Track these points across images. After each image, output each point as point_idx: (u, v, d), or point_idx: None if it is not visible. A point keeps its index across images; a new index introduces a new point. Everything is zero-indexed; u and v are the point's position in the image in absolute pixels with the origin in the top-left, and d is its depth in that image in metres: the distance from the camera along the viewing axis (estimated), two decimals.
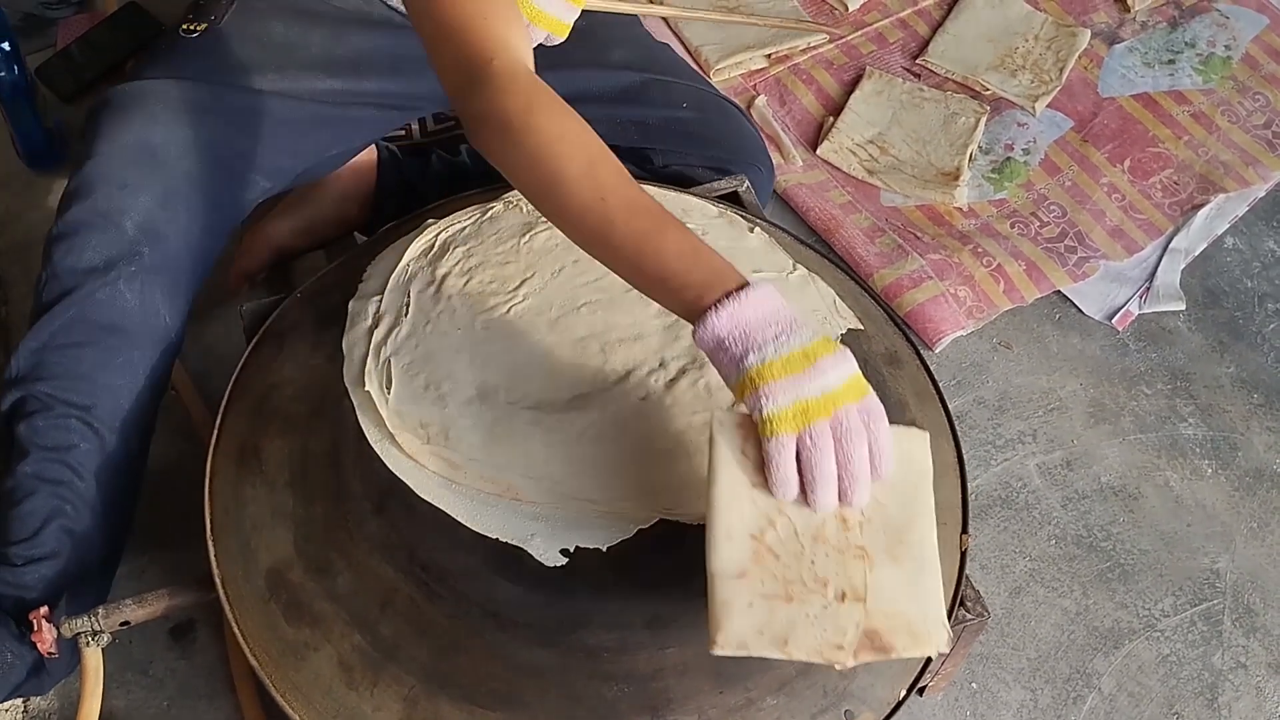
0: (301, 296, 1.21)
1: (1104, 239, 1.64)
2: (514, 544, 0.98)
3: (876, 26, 1.88)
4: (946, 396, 1.19)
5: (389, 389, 1.05)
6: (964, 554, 1.07)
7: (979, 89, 1.79)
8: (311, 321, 1.16)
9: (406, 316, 1.10)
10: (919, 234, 1.62)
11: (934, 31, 1.87)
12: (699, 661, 0.95)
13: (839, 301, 1.18)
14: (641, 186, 0.94)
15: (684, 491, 1.00)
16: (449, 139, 1.44)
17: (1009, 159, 1.72)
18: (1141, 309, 1.58)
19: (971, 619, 1.07)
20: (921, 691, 1.21)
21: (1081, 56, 1.83)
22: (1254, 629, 1.33)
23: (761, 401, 0.84)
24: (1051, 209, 1.67)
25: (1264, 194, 1.71)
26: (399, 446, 1.02)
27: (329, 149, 1.33)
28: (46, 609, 1.05)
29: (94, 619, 1.05)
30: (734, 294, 0.86)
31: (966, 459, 1.14)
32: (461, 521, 0.99)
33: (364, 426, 1.04)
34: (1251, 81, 1.83)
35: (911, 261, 1.57)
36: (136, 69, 1.22)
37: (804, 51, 1.83)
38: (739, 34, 1.81)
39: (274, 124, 1.22)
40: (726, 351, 0.85)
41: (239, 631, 1.01)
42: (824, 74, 1.81)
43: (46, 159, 1.62)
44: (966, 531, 1.09)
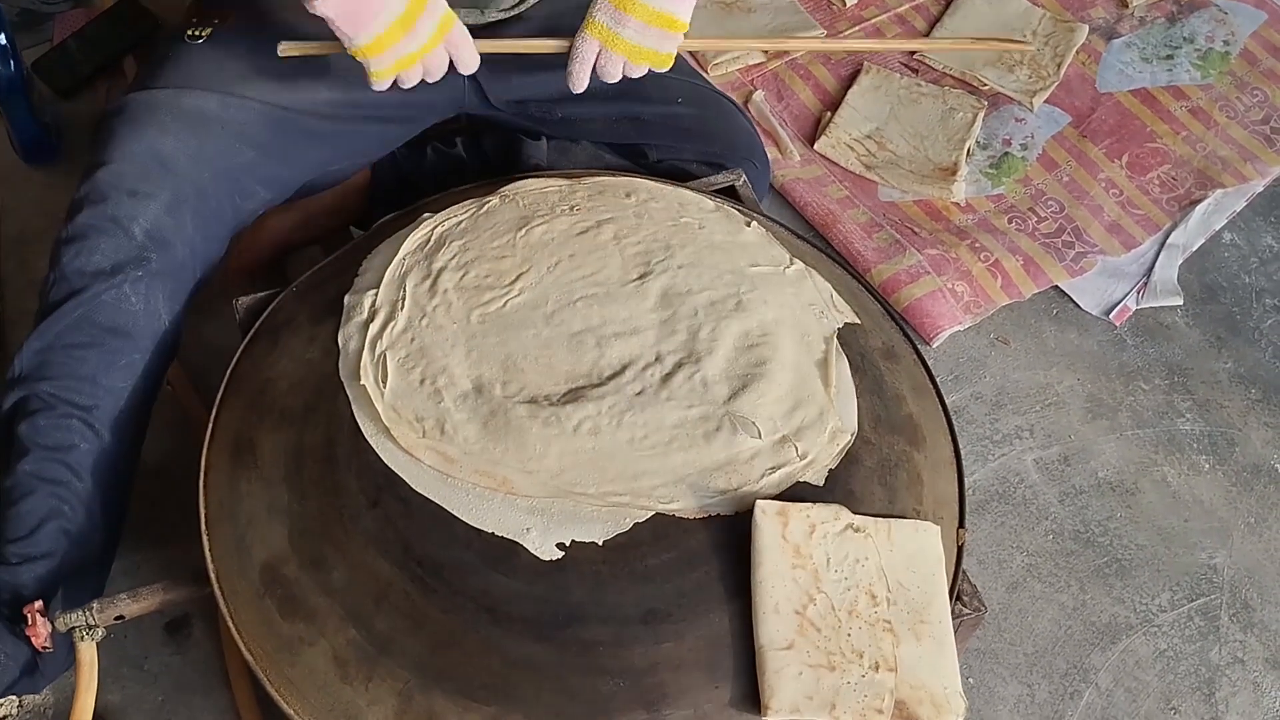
0: (297, 290, 1.21)
1: (1102, 234, 1.63)
2: (509, 538, 0.98)
3: (874, 21, 1.88)
4: (944, 391, 1.19)
5: (384, 383, 1.05)
6: (961, 549, 1.07)
7: (977, 84, 1.79)
8: (307, 315, 1.16)
9: (402, 310, 1.10)
10: (917, 229, 1.62)
11: (931, 27, 1.87)
12: (694, 656, 0.95)
13: (836, 296, 1.18)
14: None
15: (680, 485, 1.00)
16: (445, 132, 1.44)
17: (1007, 154, 1.72)
18: (1139, 304, 1.58)
19: (968, 614, 1.07)
20: None
21: (1079, 52, 1.83)
22: (1251, 624, 1.33)
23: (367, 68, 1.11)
24: (1049, 204, 1.67)
25: (1262, 189, 1.71)
26: (394, 440, 1.02)
27: (330, 163, 1.35)
28: (41, 604, 1.05)
29: (89, 614, 1.05)
30: None
31: (964, 454, 1.14)
32: (457, 516, 0.99)
33: (359, 420, 1.04)
34: (1250, 77, 1.83)
35: (909, 256, 1.57)
36: (145, 76, 1.23)
37: None
38: (736, 28, 1.81)
39: (276, 137, 1.24)
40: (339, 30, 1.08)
41: (234, 626, 1.01)
42: (822, 69, 1.81)
43: (42, 153, 1.61)
44: (963, 526, 1.09)
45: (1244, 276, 1.64)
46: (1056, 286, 1.59)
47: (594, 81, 1.33)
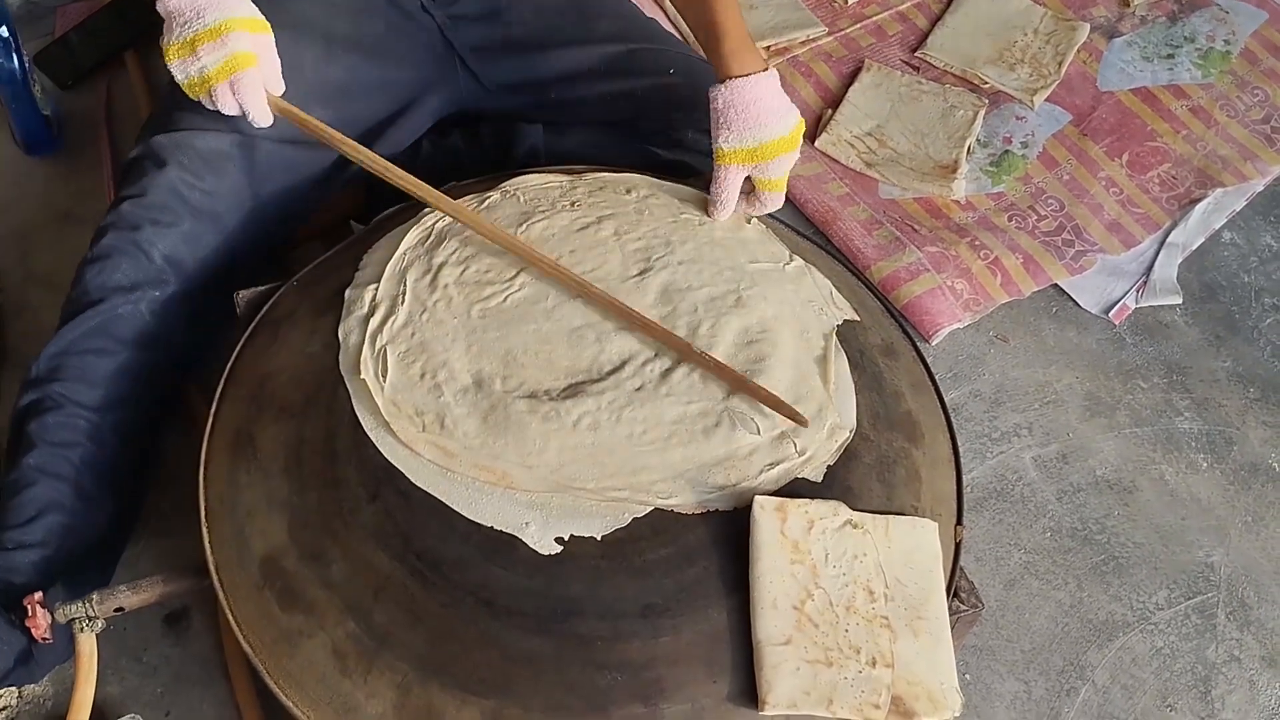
0: (298, 284, 1.21)
1: (1101, 233, 1.63)
2: (508, 532, 0.98)
3: (875, 19, 1.88)
4: (943, 388, 1.19)
5: (385, 377, 1.05)
6: (958, 546, 1.08)
7: (977, 82, 1.79)
8: (307, 309, 1.16)
9: (403, 305, 1.10)
10: (917, 226, 1.62)
11: (933, 25, 1.87)
12: (692, 650, 0.95)
13: (835, 292, 1.18)
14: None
15: (679, 480, 1.00)
16: (441, 122, 1.44)
17: (1007, 152, 1.72)
18: (1138, 303, 1.58)
19: (966, 610, 1.07)
20: None
21: (1080, 50, 1.83)
22: (1248, 622, 1.33)
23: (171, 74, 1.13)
24: (1049, 202, 1.67)
25: (1262, 189, 1.71)
26: (394, 434, 1.02)
27: (335, 187, 1.38)
28: (41, 594, 1.05)
29: (88, 605, 1.05)
30: None
31: (962, 451, 1.14)
32: (457, 510, 0.99)
33: (359, 414, 1.04)
34: (1250, 76, 1.83)
35: (909, 254, 1.57)
36: (164, 118, 1.28)
37: (803, 44, 1.83)
38: None
39: (283, 173, 1.30)
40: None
41: (233, 618, 1.01)
42: (823, 66, 1.81)
43: (44, 146, 1.62)
44: (961, 523, 1.09)
45: (1243, 275, 1.64)
46: (1056, 285, 1.59)
47: (587, 60, 1.36)
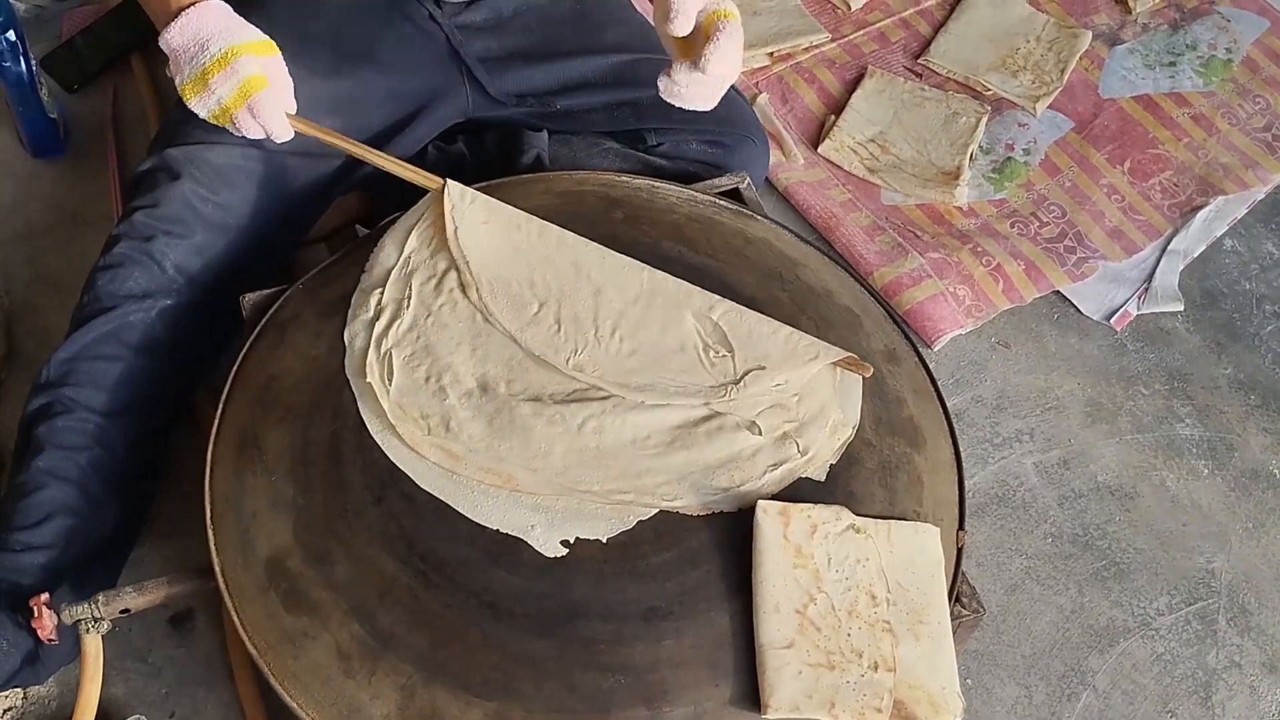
0: (303, 288, 1.22)
1: (1103, 240, 1.64)
2: (514, 535, 0.98)
3: (879, 26, 1.89)
4: (945, 395, 1.19)
5: (390, 380, 1.06)
6: (960, 551, 1.08)
7: (980, 89, 1.79)
8: (313, 313, 1.17)
9: (408, 309, 1.11)
10: (919, 233, 1.62)
11: (936, 31, 1.87)
12: (695, 654, 0.96)
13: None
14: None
15: (683, 482, 1.00)
16: (445, 131, 1.45)
17: (1009, 159, 1.72)
18: (1140, 310, 1.59)
19: (967, 615, 1.08)
20: None
21: (1082, 58, 1.84)
22: (1248, 628, 1.34)
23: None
24: (1051, 209, 1.67)
25: (1263, 196, 1.72)
26: (400, 437, 1.03)
27: (343, 194, 1.39)
28: (47, 595, 1.06)
29: (94, 606, 1.05)
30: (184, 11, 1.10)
31: (964, 457, 1.15)
32: (462, 512, 0.99)
33: (365, 417, 1.05)
34: (1252, 84, 1.84)
35: (911, 260, 1.57)
36: (175, 131, 1.29)
37: (806, 50, 1.84)
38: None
39: (292, 182, 1.31)
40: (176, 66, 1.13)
41: (238, 620, 1.01)
42: (826, 72, 1.82)
43: (50, 149, 1.62)
44: (963, 528, 1.09)
45: (1244, 283, 1.65)
46: (1058, 291, 1.59)
47: (592, 71, 1.36)
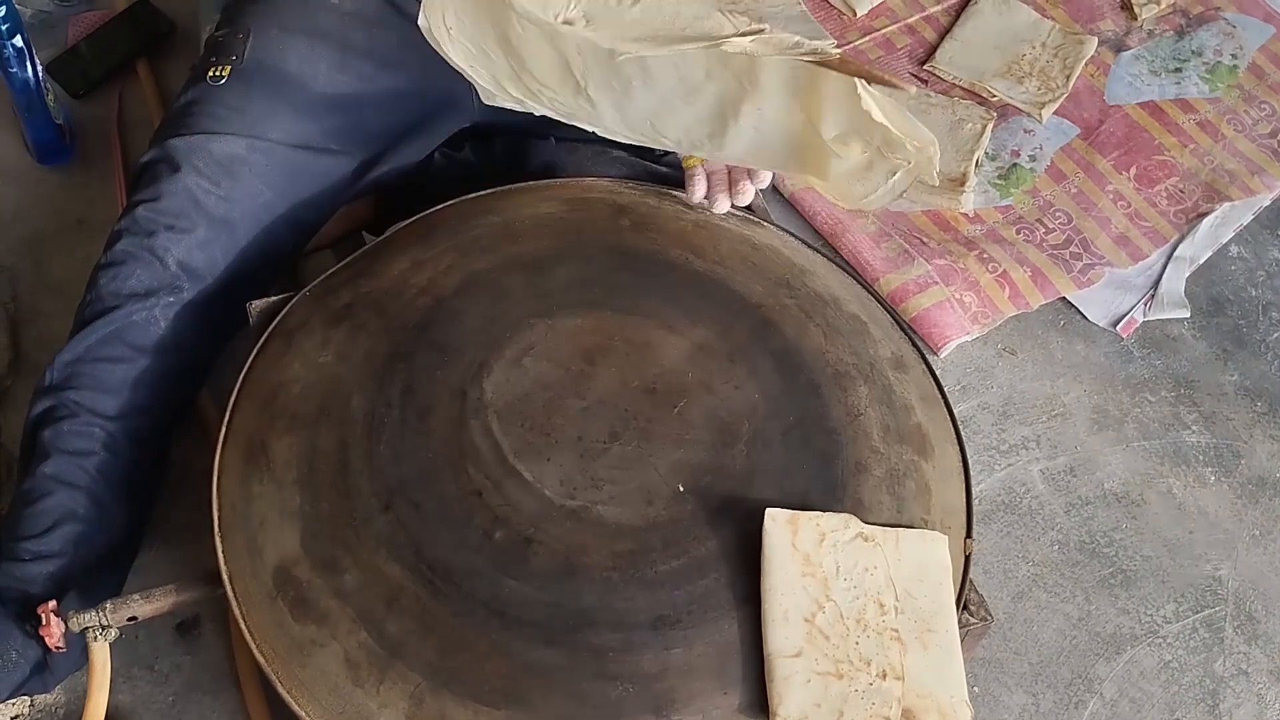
0: (310, 295, 1.22)
1: (1109, 246, 1.64)
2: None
3: (884, 32, 1.88)
4: (951, 401, 1.19)
5: None
6: (968, 558, 1.08)
7: (986, 95, 1.79)
8: (320, 320, 1.17)
9: None
10: (925, 239, 1.62)
11: (941, 38, 1.87)
12: (704, 662, 0.96)
13: None
14: None
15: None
16: (453, 136, 1.45)
17: (1015, 165, 1.72)
18: (1146, 316, 1.59)
19: (974, 623, 1.07)
20: None
21: (1088, 64, 1.84)
22: (1256, 636, 1.34)
23: None
24: (1057, 216, 1.67)
25: (1269, 203, 1.72)
26: None
27: (347, 198, 1.38)
28: (55, 603, 1.06)
29: (102, 614, 1.05)
30: None
31: (970, 464, 1.15)
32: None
33: None
34: (1258, 90, 1.84)
35: (917, 266, 1.57)
36: (177, 122, 1.28)
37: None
38: None
39: (297, 179, 1.30)
40: None
41: (245, 628, 1.01)
42: None
43: (57, 155, 1.62)
44: (970, 536, 1.09)
45: (1251, 289, 1.65)
46: (1064, 298, 1.59)
47: None
